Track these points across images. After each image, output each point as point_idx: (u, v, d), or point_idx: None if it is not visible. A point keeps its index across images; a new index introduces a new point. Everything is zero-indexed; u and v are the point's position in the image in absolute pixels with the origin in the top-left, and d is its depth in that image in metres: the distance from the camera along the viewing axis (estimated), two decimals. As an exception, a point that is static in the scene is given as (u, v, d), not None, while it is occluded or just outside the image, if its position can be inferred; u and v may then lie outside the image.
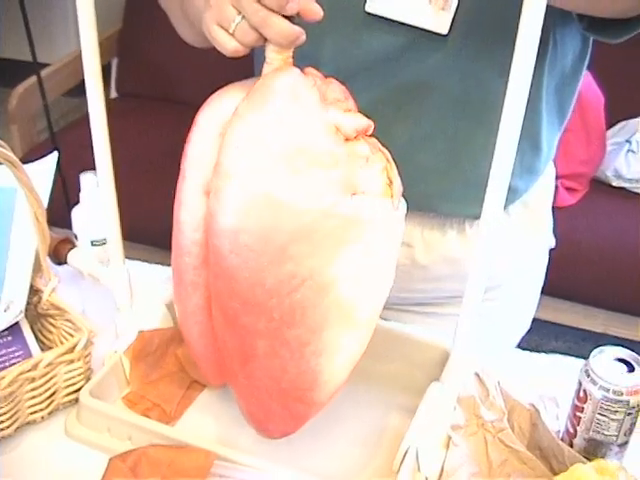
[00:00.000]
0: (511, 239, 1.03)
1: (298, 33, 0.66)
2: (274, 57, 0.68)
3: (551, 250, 1.15)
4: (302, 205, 0.66)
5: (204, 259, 0.74)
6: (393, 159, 0.89)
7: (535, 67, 0.85)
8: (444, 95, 0.88)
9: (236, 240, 0.68)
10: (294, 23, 0.66)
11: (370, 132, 0.70)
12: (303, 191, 0.65)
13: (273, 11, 0.64)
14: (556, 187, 2.29)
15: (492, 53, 0.84)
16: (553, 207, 1.12)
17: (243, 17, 0.66)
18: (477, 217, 0.88)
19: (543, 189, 1.06)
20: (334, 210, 0.66)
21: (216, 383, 0.88)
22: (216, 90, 0.73)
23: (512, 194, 0.95)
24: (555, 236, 1.15)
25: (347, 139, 0.68)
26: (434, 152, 0.92)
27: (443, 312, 1.08)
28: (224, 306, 0.74)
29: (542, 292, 1.17)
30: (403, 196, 0.94)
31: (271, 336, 0.71)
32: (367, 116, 0.81)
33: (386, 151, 0.71)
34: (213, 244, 0.71)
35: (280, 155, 0.65)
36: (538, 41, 0.58)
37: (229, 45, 0.68)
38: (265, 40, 0.67)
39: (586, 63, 0.96)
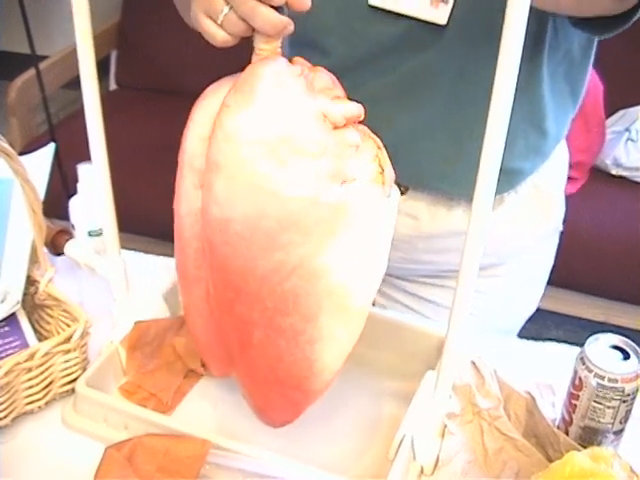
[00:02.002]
0: (519, 217, 1.05)
1: (286, 23, 0.66)
2: (263, 47, 0.68)
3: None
4: (289, 194, 0.65)
5: (204, 251, 0.75)
6: (396, 144, 0.92)
7: (533, 54, 0.88)
8: (444, 83, 0.90)
9: (227, 229, 0.68)
10: (282, 13, 0.66)
11: (361, 119, 0.70)
12: (290, 180, 0.65)
13: (261, 1, 0.64)
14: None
15: (489, 43, 0.86)
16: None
17: (231, 8, 0.66)
18: None
19: (554, 172, 1.07)
20: (322, 198, 0.66)
21: (220, 374, 0.88)
22: (215, 82, 0.73)
23: (519, 175, 1.00)
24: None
25: (336, 127, 0.68)
26: (435, 137, 0.94)
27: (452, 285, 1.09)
28: (220, 297, 0.74)
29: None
30: (409, 176, 0.97)
31: (266, 325, 0.72)
32: (371, 104, 0.85)
33: (377, 139, 0.71)
34: (207, 235, 0.71)
35: (267, 144, 0.65)
36: (524, 30, 0.58)
37: (218, 36, 0.68)
38: (253, 30, 0.67)
39: (594, 47, 0.98)
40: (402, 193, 1.00)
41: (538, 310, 1.23)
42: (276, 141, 0.65)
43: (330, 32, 0.92)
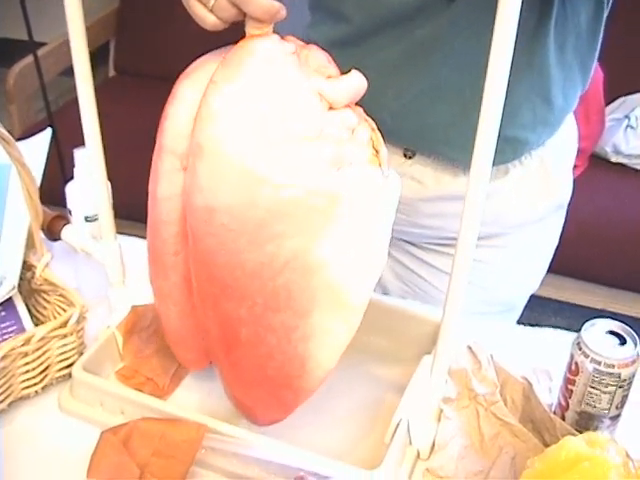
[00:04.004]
0: (523, 190, 1.05)
1: (278, 7, 0.65)
2: (254, 33, 0.66)
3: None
4: (281, 180, 0.61)
5: (182, 238, 0.72)
6: (404, 109, 0.96)
7: (539, 24, 0.90)
8: (450, 52, 0.93)
9: (211, 219, 0.64)
10: None
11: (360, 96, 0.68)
12: (282, 165, 0.62)
13: None
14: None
15: (493, 19, 0.88)
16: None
17: None
18: None
19: (561, 148, 1.08)
20: (317, 186, 0.62)
21: (194, 368, 0.87)
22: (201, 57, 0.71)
23: (524, 145, 1.01)
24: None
25: (331, 107, 0.65)
26: (441, 102, 0.97)
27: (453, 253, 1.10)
28: (203, 291, 0.71)
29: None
30: (415, 140, 1.00)
31: (255, 322, 0.68)
32: (383, 71, 0.89)
33: (371, 120, 0.69)
34: (190, 225, 0.68)
35: (256, 125, 0.62)
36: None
37: (208, 20, 0.67)
38: (244, 15, 0.66)
39: (604, 20, 0.98)
40: (410, 157, 1.02)
41: (536, 297, 1.23)
42: (265, 121, 0.62)
43: None
